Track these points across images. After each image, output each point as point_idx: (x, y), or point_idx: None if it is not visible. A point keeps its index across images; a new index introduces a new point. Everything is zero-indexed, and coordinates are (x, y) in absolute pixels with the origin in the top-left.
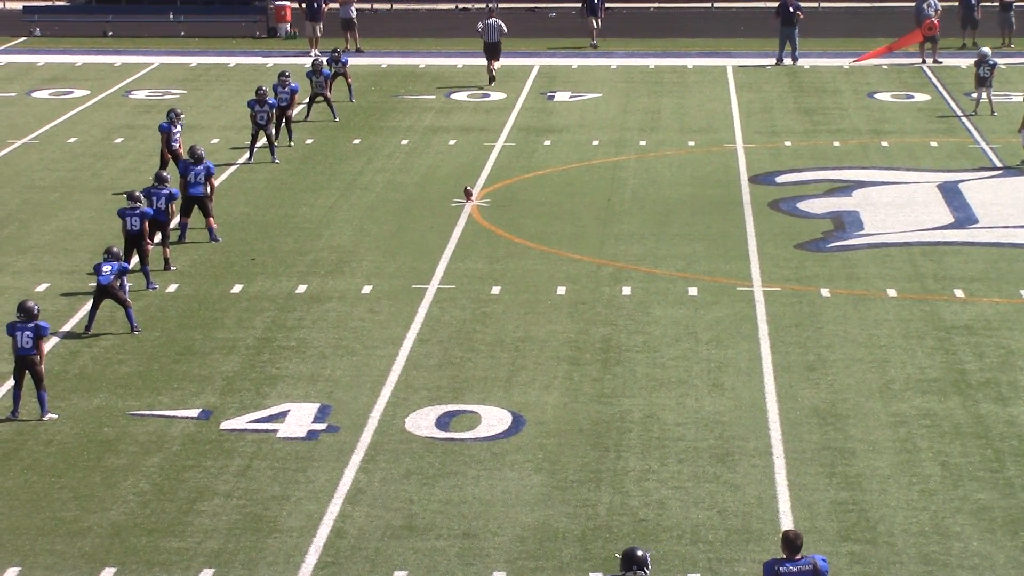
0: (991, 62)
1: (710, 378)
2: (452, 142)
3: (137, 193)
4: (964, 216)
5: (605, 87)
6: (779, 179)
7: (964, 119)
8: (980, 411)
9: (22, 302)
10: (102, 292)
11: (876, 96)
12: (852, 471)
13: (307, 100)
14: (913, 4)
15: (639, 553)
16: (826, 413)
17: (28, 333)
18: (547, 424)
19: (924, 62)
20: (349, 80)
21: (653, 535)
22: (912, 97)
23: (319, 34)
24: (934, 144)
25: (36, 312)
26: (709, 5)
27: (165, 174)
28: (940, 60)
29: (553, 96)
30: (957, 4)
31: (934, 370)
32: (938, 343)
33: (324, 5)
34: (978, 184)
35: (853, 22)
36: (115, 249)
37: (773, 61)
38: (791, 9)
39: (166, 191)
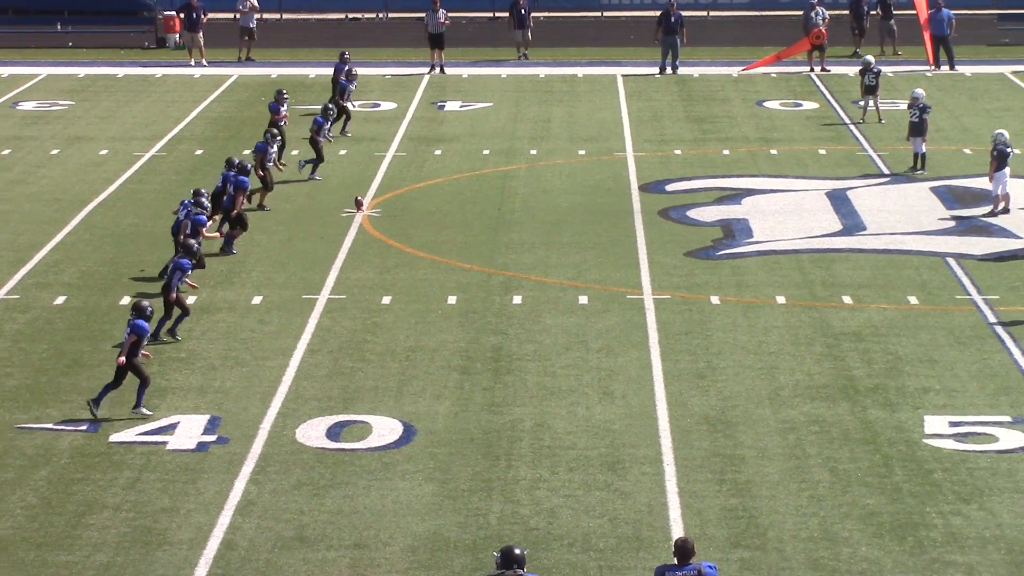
0: (876, 70)
1: (601, 386)
2: (342, 152)
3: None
4: (852, 223)
5: (495, 96)
6: (669, 187)
7: (852, 127)
8: (868, 417)
9: (136, 301)
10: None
11: (765, 104)
12: (742, 478)
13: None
14: (801, 13)
15: (516, 551)
16: (716, 420)
17: (127, 329)
18: (438, 434)
19: (812, 70)
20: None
21: (544, 544)
22: (800, 105)
23: (201, 44)
24: (822, 152)
25: (148, 313)
26: (599, 14)
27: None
28: (828, 68)
29: (443, 106)
30: (847, 12)
31: (823, 376)
32: (827, 349)
33: (203, 15)
34: (866, 191)
35: (741, 31)
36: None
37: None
38: (672, 19)
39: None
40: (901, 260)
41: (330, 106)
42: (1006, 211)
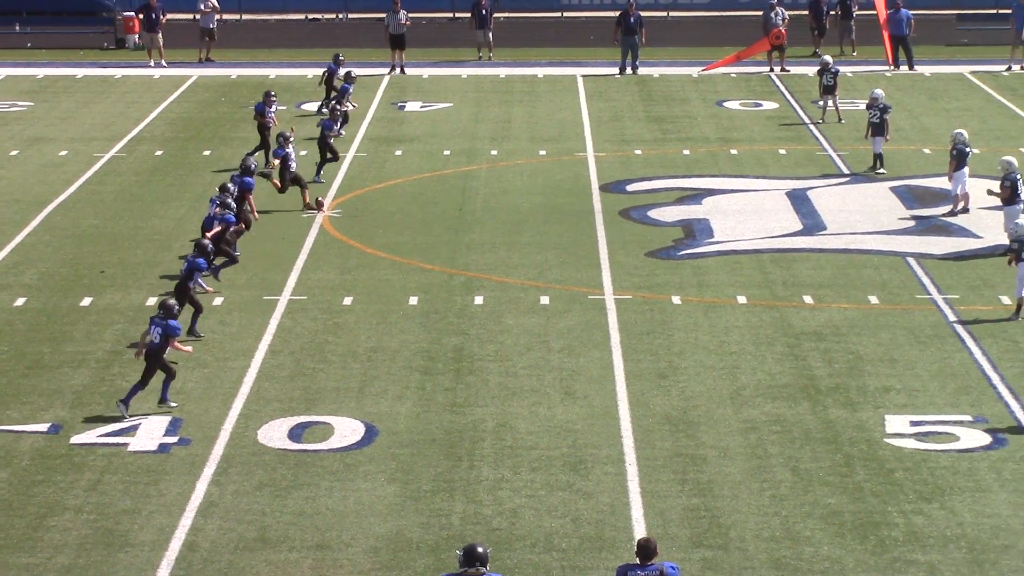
0: (833, 70)
1: (562, 386)
2: (303, 152)
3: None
4: (812, 223)
5: (456, 97)
6: (629, 187)
7: (812, 127)
8: (829, 416)
9: (163, 300)
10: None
11: (725, 104)
12: (704, 477)
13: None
14: (760, 13)
15: (479, 549)
16: (678, 420)
17: (158, 329)
18: (400, 434)
19: (772, 70)
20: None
21: (507, 544)
22: (760, 105)
23: (160, 44)
24: (783, 152)
25: (175, 311)
26: (559, 15)
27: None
28: (788, 68)
29: (404, 106)
30: (807, 13)
31: (784, 376)
32: (787, 349)
33: (163, 16)
34: (826, 191)
35: (701, 31)
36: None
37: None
38: (631, 19)
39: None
40: (861, 260)
41: (337, 107)
42: (965, 211)
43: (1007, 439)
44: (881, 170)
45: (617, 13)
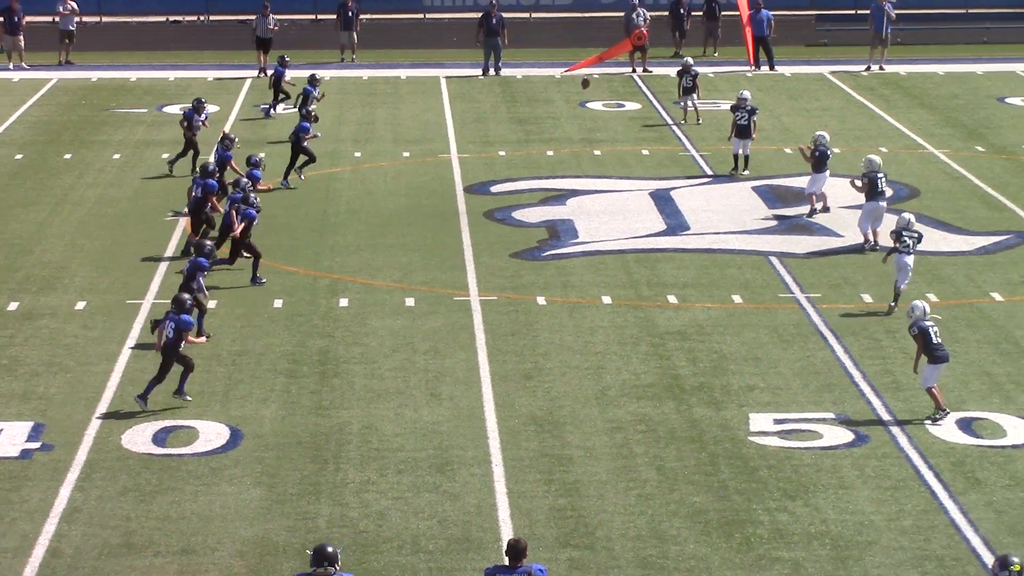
0: (693, 72)
1: (428, 388)
2: (165, 155)
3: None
4: (676, 223)
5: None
6: (494, 189)
7: (674, 127)
8: (694, 415)
9: (176, 295)
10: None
11: (588, 105)
12: (570, 478)
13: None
14: (622, 14)
15: (329, 549)
16: (543, 420)
17: (172, 324)
18: (265, 438)
19: (634, 71)
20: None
21: (374, 546)
22: (623, 106)
23: (21, 47)
24: (646, 152)
25: (188, 306)
26: (421, 16)
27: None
28: (650, 69)
29: (267, 109)
30: (667, 14)
31: (649, 375)
32: (652, 349)
33: (22, 18)
34: (689, 191)
35: (564, 32)
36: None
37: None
38: (493, 20)
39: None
40: (725, 259)
41: (311, 109)
42: (826, 210)
43: (869, 436)
44: (745, 171)
45: (479, 14)
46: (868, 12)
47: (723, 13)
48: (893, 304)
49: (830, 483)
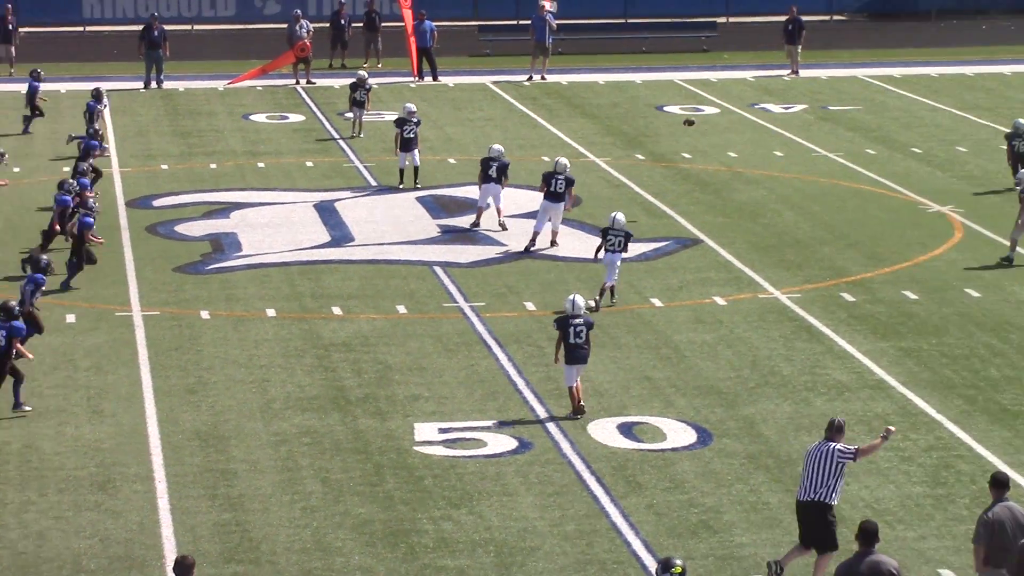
0: (368, 86)
1: (90, 405)
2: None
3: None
4: (340, 234)
5: None
6: (156, 203)
7: (339, 139)
8: (359, 426)
9: (3, 301)
10: None
11: (251, 118)
12: (235, 492)
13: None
14: (285, 26)
15: None
16: (208, 435)
17: (2, 332)
18: None
19: (298, 83)
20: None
21: (33, 567)
22: (287, 118)
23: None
24: (310, 164)
25: (15, 312)
26: (82, 29)
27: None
28: (313, 81)
29: None
30: (328, 25)
31: (314, 387)
32: (317, 361)
33: None
34: (353, 203)
35: (227, 44)
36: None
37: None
38: (155, 33)
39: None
40: (389, 270)
41: (96, 127)
42: (502, 226)
43: (532, 443)
44: (418, 184)
45: (141, 27)
46: (529, 22)
47: (383, 24)
48: (597, 299)
49: (494, 490)
